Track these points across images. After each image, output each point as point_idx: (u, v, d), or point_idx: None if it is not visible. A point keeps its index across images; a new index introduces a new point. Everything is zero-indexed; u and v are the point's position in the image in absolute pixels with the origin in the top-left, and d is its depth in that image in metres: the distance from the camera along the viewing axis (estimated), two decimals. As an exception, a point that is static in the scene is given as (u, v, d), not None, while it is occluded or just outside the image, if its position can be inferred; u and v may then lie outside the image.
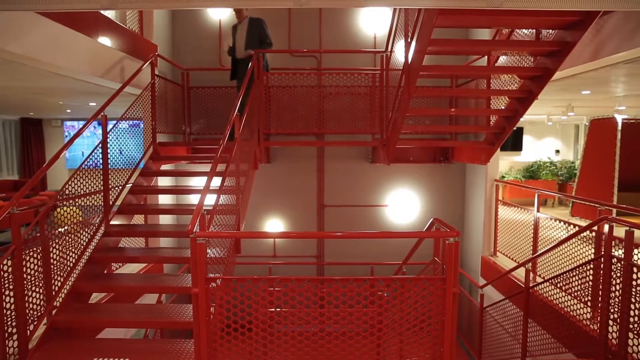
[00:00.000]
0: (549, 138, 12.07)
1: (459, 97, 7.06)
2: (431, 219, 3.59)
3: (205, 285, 2.63)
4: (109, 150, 4.38)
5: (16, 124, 11.54)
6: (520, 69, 4.72)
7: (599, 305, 3.43)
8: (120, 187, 4.68)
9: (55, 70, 4.50)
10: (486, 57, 5.61)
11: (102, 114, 4.21)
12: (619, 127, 6.85)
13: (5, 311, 2.95)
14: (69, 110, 10.03)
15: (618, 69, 4.48)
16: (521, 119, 5.21)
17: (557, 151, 11.98)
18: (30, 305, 3.21)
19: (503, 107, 5.34)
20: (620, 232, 3.20)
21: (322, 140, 7.64)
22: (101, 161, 4.30)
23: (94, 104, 8.21)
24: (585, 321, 3.65)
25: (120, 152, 4.72)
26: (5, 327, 2.95)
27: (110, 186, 4.42)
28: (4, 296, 2.94)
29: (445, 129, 7.54)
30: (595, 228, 3.83)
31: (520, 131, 11.05)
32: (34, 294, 3.26)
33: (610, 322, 3.30)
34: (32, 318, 3.22)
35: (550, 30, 4.23)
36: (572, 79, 5.06)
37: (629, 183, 7.11)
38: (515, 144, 10.96)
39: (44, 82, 5.59)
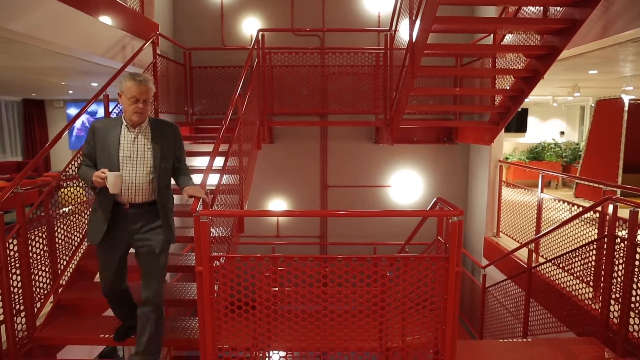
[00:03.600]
0: (554, 119, 11.97)
1: (463, 77, 6.97)
2: (435, 199, 3.58)
3: (209, 264, 2.65)
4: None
5: (19, 105, 11.51)
6: (526, 48, 4.65)
7: (601, 285, 3.45)
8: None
9: (56, 49, 4.45)
10: (492, 35, 5.52)
11: (103, 93, 4.19)
12: (626, 108, 6.78)
13: (13, 289, 2.99)
14: (71, 91, 9.98)
15: (626, 47, 4.40)
16: (526, 100, 5.15)
17: (562, 133, 11.90)
18: (37, 284, 3.26)
19: (508, 87, 5.27)
20: (624, 213, 3.20)
21: (326, 120, 7.59)
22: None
23: (96, 84, 8.16)
24: (587, 301, 3.67)
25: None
26: (14, 305, 2.99)
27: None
28: (11, 274, 2.98)
29: (450, 109, 7.46)
30: (599, 209, 3.82)
31: (525, 112, 10.95)
32: (40, 273, 3.30)
33: (612, 302, 3.32)
34: (39, 296, 3.27)
35: (558, 8, 4.15)
36: (579, 58, 4.99)
37: (634, 164, 7.07)
38: (519, 125, 10.88)
39: (45, 61, 5.55)
